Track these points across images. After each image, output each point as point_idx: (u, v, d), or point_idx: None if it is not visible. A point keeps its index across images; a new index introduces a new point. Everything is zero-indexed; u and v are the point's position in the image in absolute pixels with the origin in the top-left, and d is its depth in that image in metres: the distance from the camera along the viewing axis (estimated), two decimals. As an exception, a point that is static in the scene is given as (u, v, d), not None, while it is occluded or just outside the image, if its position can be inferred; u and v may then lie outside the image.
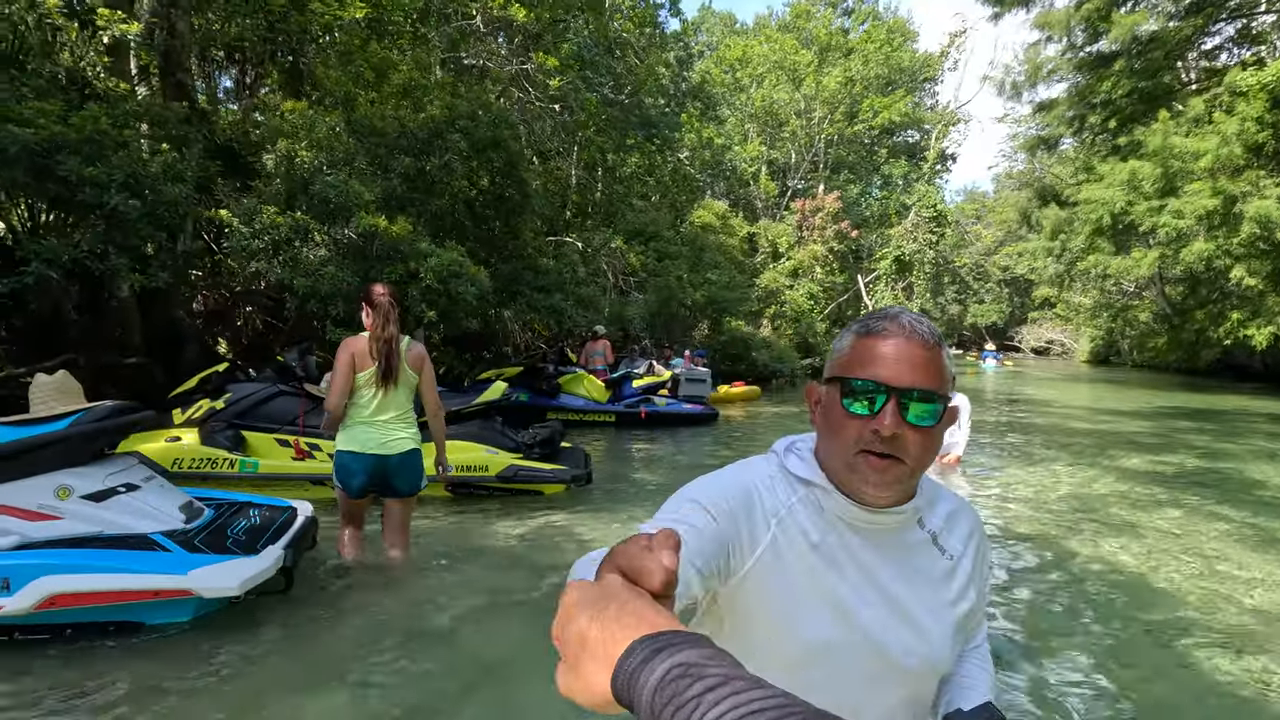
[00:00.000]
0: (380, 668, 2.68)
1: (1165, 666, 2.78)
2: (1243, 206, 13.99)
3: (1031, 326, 51.04)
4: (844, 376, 0.84)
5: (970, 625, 0.95)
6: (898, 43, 32.26)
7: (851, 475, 0.84)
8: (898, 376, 0.81)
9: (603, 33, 12.84)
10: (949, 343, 12.09)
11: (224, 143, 8.59)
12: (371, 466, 3.41)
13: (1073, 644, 2.95)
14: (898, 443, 0.81)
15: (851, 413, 0.83)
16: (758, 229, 26.55)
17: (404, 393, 3.49)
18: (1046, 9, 19.53)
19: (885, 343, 0.83)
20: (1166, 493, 5.81)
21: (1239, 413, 12.48)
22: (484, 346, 12.39)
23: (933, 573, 0.90)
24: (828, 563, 0.86)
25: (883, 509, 0.86)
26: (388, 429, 3.43)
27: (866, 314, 0.90)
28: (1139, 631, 3.09)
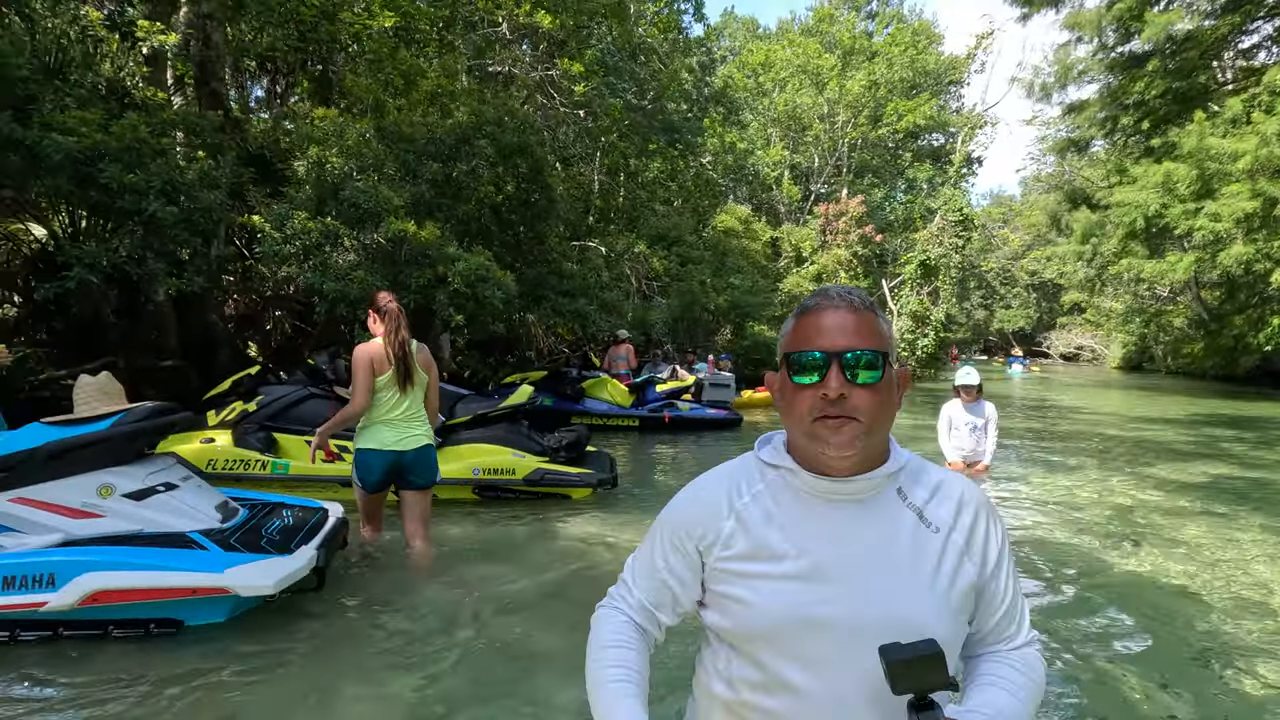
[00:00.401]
0: (409, 667, 2.69)
1: (1205, 683, 2.69)
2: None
3: (1060, 332, 50.03)
4: (789, 353, 0.91)
5: (986, 605, 0.94)
6: (922, 45, 31.97)
7: (813, 444, 0.88)
8: (835, 342, 0.87)
9: (626, 39, 12.90)
10: (975, 349, 11.98)
11: (256, 150, 8.77)
12: (390, 462, 3.61)
13: (1108, 660, 2.87)
14: (847, 403, 0.85)
15: (801, 385, 0.88)
16: (781, 233, 26.42)
17: (418, 392, 3.69)
18: (1076, 9, 19.19)
19: (820, 316, 0.90)
20: (1203, 503, 5.64)
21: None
22: (508, 350, 12.48)
23: (915, 544, 0.89)
24: (796, 539, 0.90)
25: (849, 477, 0.89)
26: (405, 427, 3.64)
27: (807, 296, 0.96)
28: (1177, 648, 3.00)
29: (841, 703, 0.86)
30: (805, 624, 0.86)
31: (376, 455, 3.58)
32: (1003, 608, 0.94)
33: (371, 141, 6.58)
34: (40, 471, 2.89)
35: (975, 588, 0.92)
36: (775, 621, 0.88)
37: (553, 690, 2.54)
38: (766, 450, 0.98)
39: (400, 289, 6.00)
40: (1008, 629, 0.96)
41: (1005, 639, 0.96)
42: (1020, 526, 4.87)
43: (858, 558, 0.88)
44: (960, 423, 6.09)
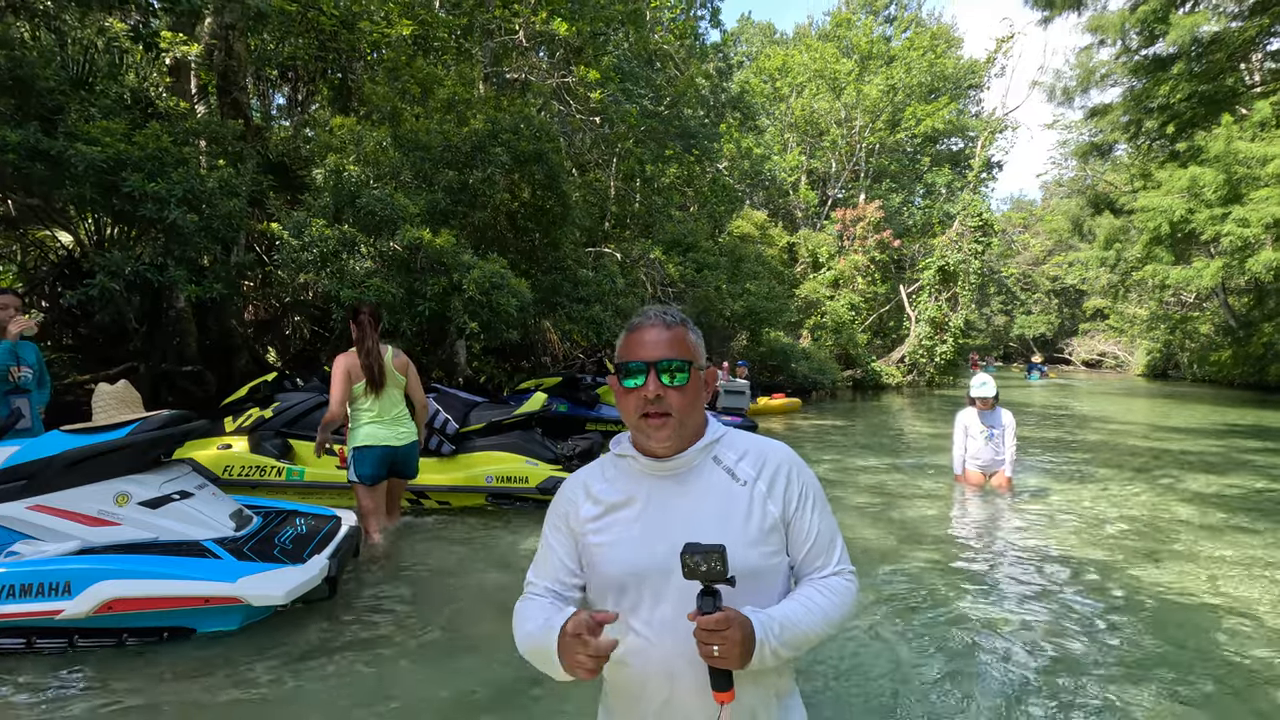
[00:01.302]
0: (420, 677, 2.68)
1: (1226, 707, 2.60)
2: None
3: (1082, 338, 49.24)
4: (621, 362, 1.16)
5: (793, 542, 1.18)
6: (941, 49, 31.68)
7: (641, 435, 1.16)
8: (651, 354, 1.13)
9: (643, 45, 12.91)
10: (994, 354, 11.87)
11: (276, 158, 8.89)
12: (385, 456, 4.05)
13: (1126, 681, 2.79)
14: (663, 402, 1.12)
15: (628, 388, 1.15)
16: (797, 239, 26.27)
17: (396, 393, 4.14)
18: (1099, 12, 18.93)
19: (641, 333, 1.16)
20: (1231, 517, 5.49)
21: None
22: (524, 357, 12.50)
23: (726, 495, 1.15)
24: (635, 507, 1.16)
25: (670, 457, 1.16)
26: (394, 425, 4.10)
27: (634, 316, 1.23)
28: (1199, 669, 2.91)
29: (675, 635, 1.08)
30: (638, 574, 1.11)
31: (373, 451, 4.00)
32: (810, 542, 1.18)
33: (389, 149, 6.62)
34: (58, 479, 2.93)
35: (781, 524, 1.16)
36: (621, 571, 1.13)
37: (562, 700, 2.52)
38: (618, 446, 1.24)
39: (416, 296, 6.02)
40: (817, 560, 1.19)
41: (816, 569, 1.19)
42: (1038, 541, 4.77)
43: (680, 513, 1.13)
44: (976, 431, 6.02)
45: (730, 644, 0.98)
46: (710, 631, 0.98)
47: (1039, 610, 3.50)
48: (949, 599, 3.63)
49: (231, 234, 6.65)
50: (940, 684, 2.72)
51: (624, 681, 1.16)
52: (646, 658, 1.10)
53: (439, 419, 5.34)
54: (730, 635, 0.98)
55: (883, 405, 16.92)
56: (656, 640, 1.09)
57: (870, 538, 4.79)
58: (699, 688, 1.05)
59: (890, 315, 26.31)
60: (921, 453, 8.86)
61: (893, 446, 9.47)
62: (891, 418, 14.00)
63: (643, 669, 1.11)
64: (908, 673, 2.82)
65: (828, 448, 9.30)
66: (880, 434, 11.04)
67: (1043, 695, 2.63)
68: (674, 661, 1.08)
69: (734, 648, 0.98)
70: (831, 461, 8.14)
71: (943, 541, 4.69)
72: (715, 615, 0.98)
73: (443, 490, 5.18)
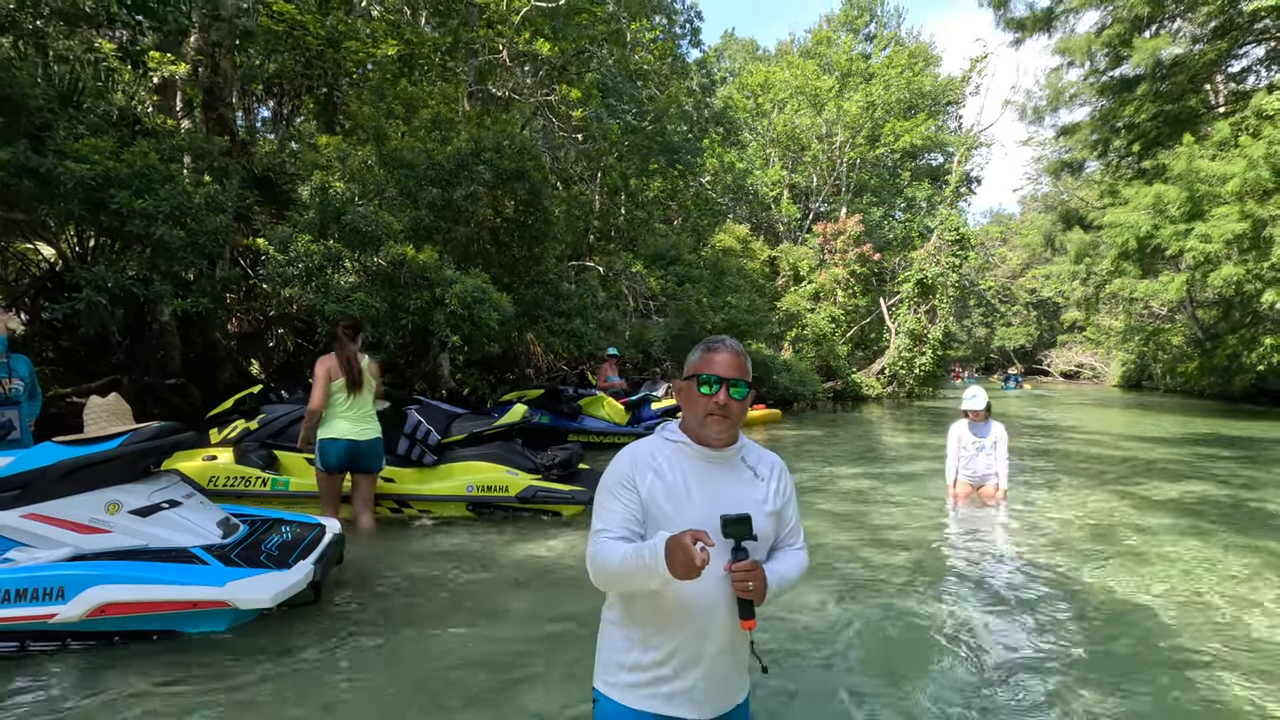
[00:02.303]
0: (399, 679, 2.81)
1: (1185, 705, 2.80)
2: (1272, 230, 13.77)
3: (1061, 350, 50.08)
4: (698, 374, 1.52)
5: (782, 523, 1.62)
6: (919, 67, 32.39)
7: (704, 430, 1.52)
8: (726, 372, 1.51)
9: (624, 64, 13.18)
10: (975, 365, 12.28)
11: (262, 173, 9.00)
12: (347, 449, 4.62)
13: (1089, 679, 2.98)
14: (728, 409, 1.50)
15: (703, 394, 1.50)
16: (779, 252, 26.64)
17: (368, 395, 4.77)
18: (1068, 34, 19.56)
19: (718, 354, 1.53)
20: (1194, 523, 5.74)
21: (1273, 441, 12.20)
22: (507, 369, 12.62)
23: (750, 484, 1.57)
24: (687, 483, 1.51)
25: (720, 450, 1.54)
26: (359, 422, 4.69)
27: (706, 339, 1.60)
28: (1157, 668, 3.11)
29: (716, 579, 1.42)
30: (696, 526, 1.38)
31: (336, 443, 4.59)
32: (790, 524, 1.65)
33: (374, 167, 6.78)
34: (52, 488, 3.04)
35: (778, 511, 1.59)
36: (684, 524, 1.41)
37: (538, 702, 2.66)
38: (668, 431, 1.60)
39: (399, 310, 6.16)
40: (791, 537, 1.66)
41: (790, 544, 1.66)
42: (1009, 546, 4.98)
43: (723, 493, 1.51)
44: (968, 442, 6.14)
45: (759, 581, 1.38)
46: (746, 572, 1.37)
47: (1002, 611, 3.70)
48: (915, 600, 3.82)
49: (217, 249, 6.76)
50: (901, 680, 2.90)
51: (670, 612, 1.48)
52: (697, 592, 1.44)
53: (420, 430, 5.47)
54: (758, 574, 1.38)
55: (862, 416, 17.20)
56: (707, 578, 1.37)
57: (841, 542, 4.98)
58: (729, 619, 1.46)
59: (871, 327, 26.70)
60: (899, 461, 9.10)
61: (869, 456, 9.69)
62: (870, 429, 14.26)
63: (692, 602, 1.46)
64: (869, 668, 3.00)
65: (807, 457, 9.51)
66: (858, 444, 11.28)
67: (1000, 692, 2.82)
68: (715, 596, 1.45)
69: (760, 583, 1.39)
70: (810, 470, 8.34)
71: (912, 546, 4.89)
72: (747, 562, 1.38)
73: (425, 499, 5.30)
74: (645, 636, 1.53)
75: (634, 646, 1.54)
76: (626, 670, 1.55)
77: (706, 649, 1.49)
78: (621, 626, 1.59)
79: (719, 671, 1.50)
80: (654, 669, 1.51)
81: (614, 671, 1.57)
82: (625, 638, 1.57)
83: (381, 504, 5.22)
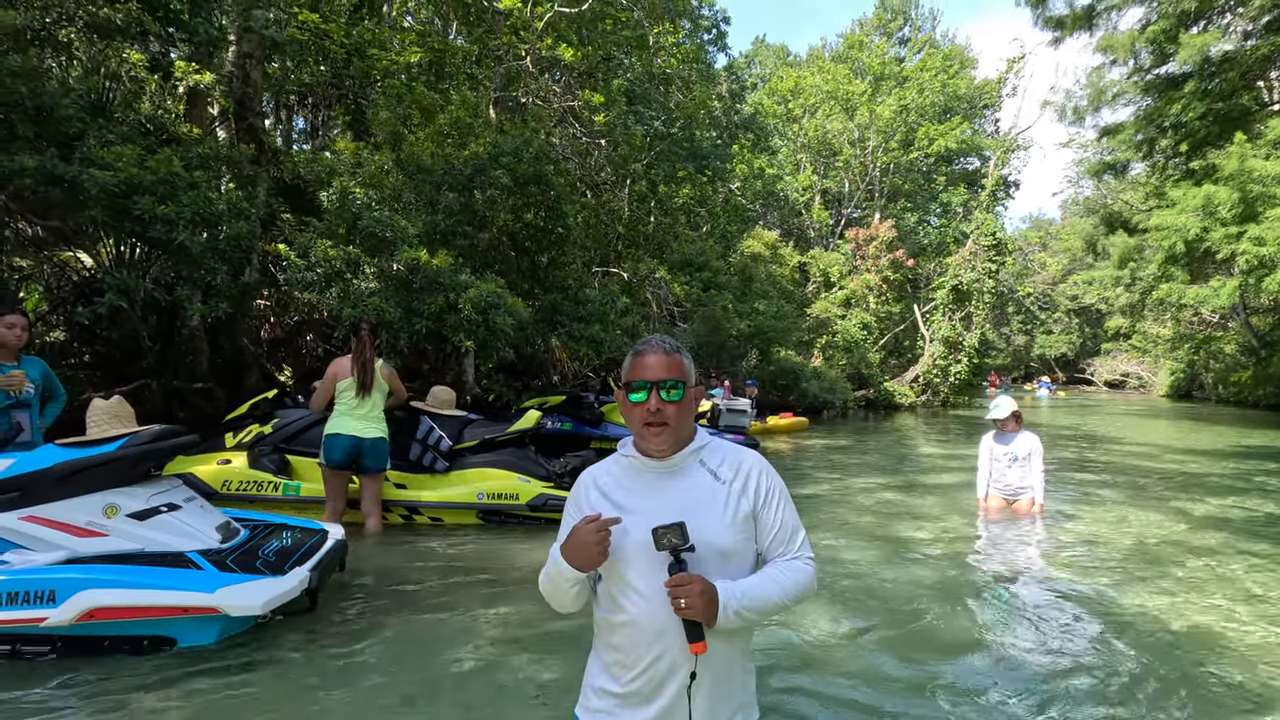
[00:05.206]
0: (398, 692, 2.72)
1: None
2: (1332, 232, 13.06)
3: (1105, 358, 48.45)
4: (627, 381, 1.43)
5: (762, 530, 1.44)
6: (954, 70, 31.79)
7: (642, 440, 1.42)
8: (654, 375, 1.39)
9: (648, 68, 13.13)
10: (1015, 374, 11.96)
11: (291, 181, 9.14)
12: (350, 445, 4.70)
13: (1122, 710, 2.75)
14: (661, 414, 1.38)
15: (633, 402, 1.41)
16: (809, 258, 26.28)
17: (378, 397, 4.87)
18: (1110, 32, 18.92)
19: (645, 357, 1.42)
20: (1245, 544, 5.37)
21: (1335, 454, 11.49)
22: (534, 375, 12.60)
23: (708, 491, 1.41)
24: (631, 497, 1.42)
25: (665, 459, 1.43)
26: (364, 420, 4.78)
27: (638, 341, 1.49)
28: (1204, 696, 2.86)
29: (665, 598, 1.31)
30: (641, 546, 1.35)
31: (340, 439, 4.68)
32: (774, 531, 1.44)
33: (391, 173, 6.80)
34: (51, 491, 3.03)
35: (752, 516, 1.42)
36: (626, 543, 1.36)
37: (535, 718, 2.54)
38: (623, 446, 1.50)
39: (413, 315, 6.15)
40: (779, 547, 1.45)
41: (780, 554, 1.45)
42: (1040, 564, 4.71)
43: (671, 504, 1.38)
44: (999, 454, 5.84)
45: (692, 596, 1.26)
46: (676, 586, 1.27)
47: (1030, 635, 3.46)
48: (936, 617, 3.61)
49: (240, 255, 6.85)
50: (918, 697, 2.71)
51: (624, 638, 1.39)
52: (643, 614, 1.35)
53: (433, 435, 5.42)
54: (691, 589, 1.26)
55: (894, 425, 16.77)
56: (652, 600, 1.34)
57: (862, 557, 4.76)
58: (684, 643, 1.31)
59: (905, 335, 26.14)
60: (929, 473, 8.78)
61: (899, 467, 9.39)
62: (901, 438, 13.88)
63: (641, 625, 1.36)
64: (889, 685, 2.81)
65: (833, 468, 9.24)
66: (887, 454, 10.95)
67: (1022, 713, 2.61)
68: (664, 619, 1.33)
69: (695, 600, 1.26)
70: (835, 481, 8.09)
71: (938, 562, 4.66)
72: (678, 576, 1.28)
73: (435, 506, 5.24)
74: (611, 663, 1.45)
75: (604, 672, 1.47)
76: (598, 696, 1.48)
77: (671, 677, 1.36)
78: (595, 651, 1.53)
79: (698, 700, 1.35)
80: (621, 697, 1.42)
81: (589, 696, 1.51)
82: (598, 662, 1.51)
83: (392, 510, 5.19)
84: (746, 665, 1.48)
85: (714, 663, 1.35)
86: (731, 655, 1.41)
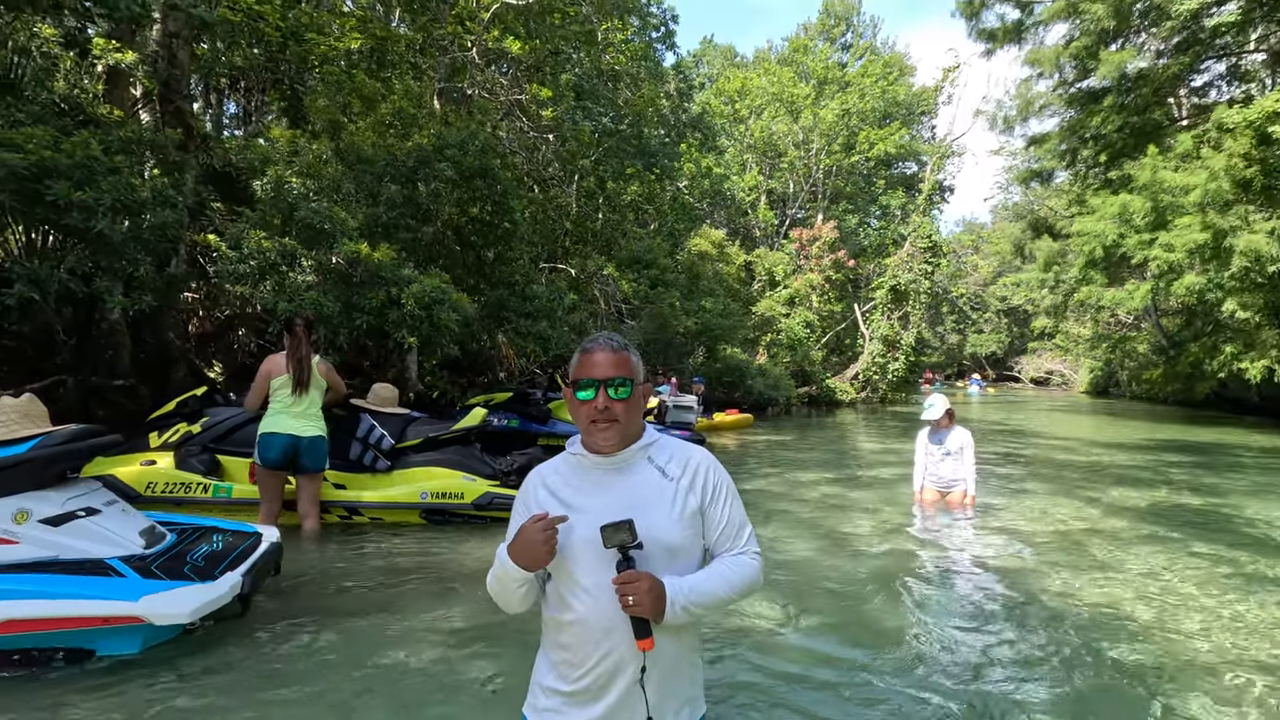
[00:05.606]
0: (332, 699, 2.64)
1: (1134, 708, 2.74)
2: (1232, 241, 14.06)
3: (1031, 357, 50.95)
4: (575, 379, 1.42)
5: (709, 526, 1.45)
6: (893, 77, 32.79)
7: (590, 437, 1.43)
8: (601, 373, 1.38)
9: (596, 64, 13.08)
10: (949, 372, 12.38)
11: (222, 168, 8.72)
12: (286, 444, 4.54)
13: (1051, 687, 2.90)
14: (609, 412, 1.38)
15: (581, 400, 1.41)
16: (755, 257, 26.72)
17: (315, 394, 4.70)
18: (1037, 46, 19.91)
19: (593, 355, 1.41)
20: (1157, 530, 5.74)
21: (1232, 447, 12.40)
22: (479, 372, 12.40)
23: (656, 487, 1.42)
24: (580, 495, 1.42)
25: (613, 455, 1.43)
26: (301, 419, 4.62)
27: (585, 339, 1.48)
28: (1111, 674, 3.05)
29: (613, 595, 1.31)
30: (588, 544, 1.34)
31: (276, 437, 4.50)
32: (721, 527, 1.46)
33: (330, 162, 6.57)
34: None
35: (699, 512, 1.43)
36: (574, 541, 1.37)
37: (491, 718, 2.51)
38: (572, 444, 1.50)
39: (354, 309, 5.97)
40: (727, 542, 1.47)
41: (727, 549, 1.47)
42: (969, 552, 4.93)
43: (618, 500, 1.39)
44: (933, 449, 6.13)
45: (640, 593, 1.27)
46: (624, 584, 1.28)
47: (964, 619, 3.62)
48: (875, 604, 3.73)
49: (166, 245, 6.50)
50: (859, 680, 2.80)
51: (572, 636, 1.39)
52: (591, 612, 1.35)
53: (374, 434, 5.28)
54: (639, 586, 1.27)
55: (835, 421, 17.24)
56: (599, 598, 1.34)
57: (804, 549, 4.88)
58: (631, 640, 1.32)
59: (846, 333, 26.88)
60: (866, 467, 9.06)
61: (839, 462, 9.65)
62: (842, 434, 14.28)
63: (589, 623, 1.36)
64: (832, 670, 2.89)
65: (777, 463, 9.44)
66: (829, 449, 11.25)
67: (961, 699, 2.73)
68: (612, 617, 1.33)
69: (643, 596, 1.27)
70: (778, 476, 8.26)
71: (876, 553, 4.81)
72: (625, 574, 1.28)
73: (376, 506, 5.11)
74: (559, 661, 1.45)
75: (551, 671, 1.48)
76: (546, 695, 1.48)
77: (619, 674, 1.37)
78: (543, 650, 1.53)
79: (647, 696, 1.37)
80: (569, 696, 1.42)
81: (537, 695, 1.51)
82: (546, 660, 1.51)
83: (331, 511, 5.03)
84: (694, 659, 1.50)
85: (661, 658, 1.36)
86: (679, 650, 1.42)
